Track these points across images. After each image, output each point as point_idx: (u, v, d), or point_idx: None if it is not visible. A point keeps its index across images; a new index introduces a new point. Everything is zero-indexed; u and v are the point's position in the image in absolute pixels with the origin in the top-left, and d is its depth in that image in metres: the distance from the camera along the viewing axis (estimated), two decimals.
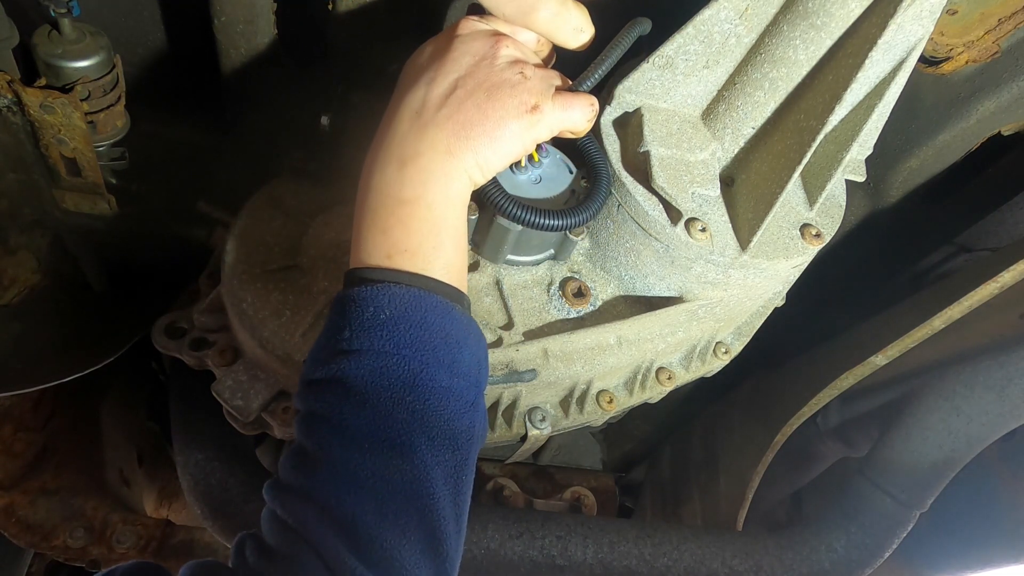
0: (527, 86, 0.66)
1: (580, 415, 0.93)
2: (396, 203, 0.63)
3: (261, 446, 1.38)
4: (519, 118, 0.65)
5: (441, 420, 0.60)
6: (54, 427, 1.20)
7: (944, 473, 1.10)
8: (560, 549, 1.05)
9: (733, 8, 0.73)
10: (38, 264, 1.13)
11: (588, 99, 0.71)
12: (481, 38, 0.67)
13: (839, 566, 1.13)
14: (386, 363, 0.59)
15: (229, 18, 0.94)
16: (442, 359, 0.61)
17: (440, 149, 0.64)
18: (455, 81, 0.65)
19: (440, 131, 0.64)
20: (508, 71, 0.65)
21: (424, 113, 0.64)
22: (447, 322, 0.62)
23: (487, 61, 0.65)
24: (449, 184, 0.64)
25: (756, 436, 1.33)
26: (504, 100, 0.65)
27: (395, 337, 0.59)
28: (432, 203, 0.64)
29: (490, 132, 0.64)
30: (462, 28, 0.68)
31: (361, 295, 0.61)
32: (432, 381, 0.60)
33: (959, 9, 0.95)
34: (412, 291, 0.61)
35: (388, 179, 0.64)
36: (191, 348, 0.89)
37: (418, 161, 0.63)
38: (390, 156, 0.64)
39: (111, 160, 1.00)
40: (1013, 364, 1.04)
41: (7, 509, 1.14)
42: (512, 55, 0.67)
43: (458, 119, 0.64)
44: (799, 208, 0.86)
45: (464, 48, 0.66)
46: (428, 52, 0.68)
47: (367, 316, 0.60)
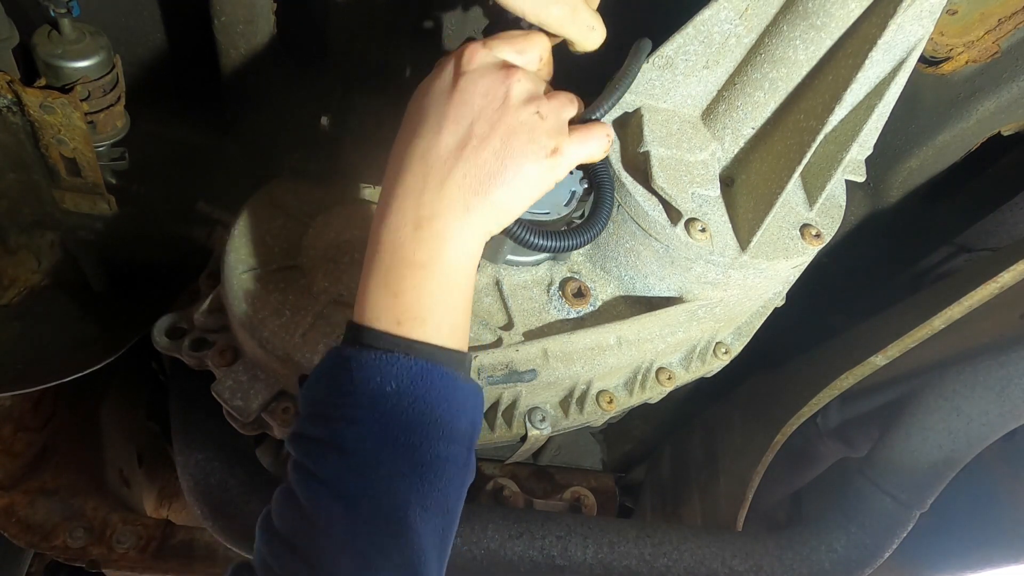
0: (545, 128, 0.63)
1: (580, 415, 0.93)
2: (409, 266, 0.61)
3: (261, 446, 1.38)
4: (539, 163, 0.63)
5: (436, 489, 0.60)
6: (54, 427, 1.20)
7: (944, 473, 1.10)
8: (560, 549, 1.05)
9: (733, 8, 0.73)
10: (38, 264, 1.13)
11: (604, 129, 0.69)
12: (490, 74, 0.62)
13: (839, 566, 1.13)
14: (388, 436, 0.59)
15: (229, 18, 0.94)
16: (442, 430, 0.61)
17: (458, 208, 0.61)
18: (469, 127, 0.61)
19: (458, 188, 0.61)
20: (523, 112, 0.62)
21: (438, 166, 0.61)
22: (450, 392, 0.61)
23: (500, 101, 0.61)
24: (465, 245, 0.62)
25: (756, 436, 1.33)
26: (523, 146, 0.62)
27: (399, 411, 0.59)
28: (446, 267, 0.62)
29: (510, 182, 0.62)
30: (468, 61, 0.63)
31: (369, 361, 0.60)
32: (431, 453, 0.60)
33: (959, 9, 0.95)
34: (420, 364, 0.60)
35: (402, 240, 0.61)
36: (191, 348, 0.89)
37: (434, 223, 0.61)
38: (404, 216, 0.61)
39: (111, 160, 1.00)
40: (1013, 364, 1.04)
41: (7, 509, 1.14)
42: (525, 91, 0.63)
43: (476, 173, 0.61)
44: (799, 208, 0.86)
45: (474, 88, 0.62)
46: (435, 90, 0.63)
47: (373, 386, 0.59)
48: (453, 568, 1.00)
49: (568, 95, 0.67)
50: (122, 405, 1.38)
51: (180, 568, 1.17)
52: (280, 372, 0.83)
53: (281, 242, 0.88)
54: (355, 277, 0.84)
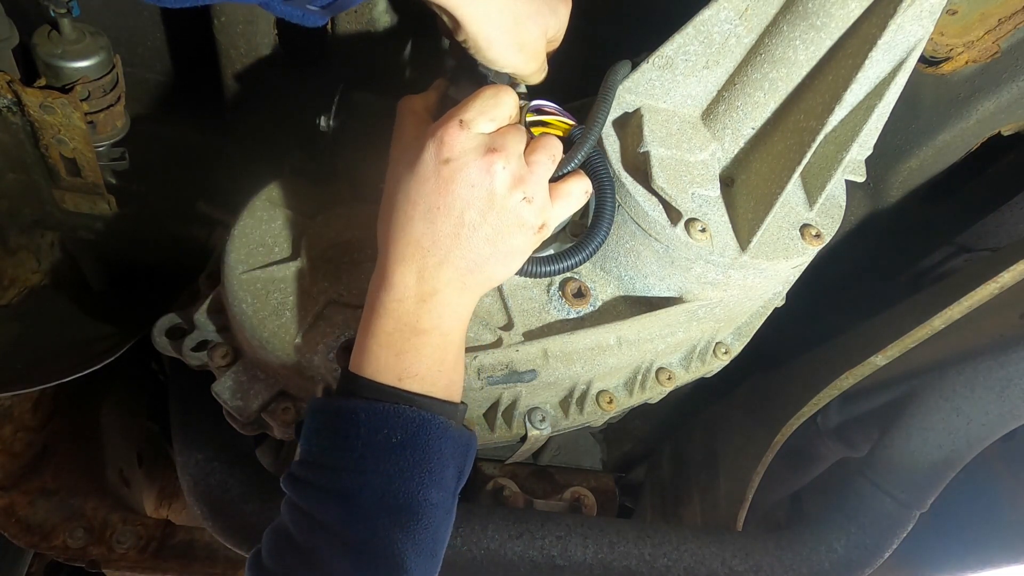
0: (532, 209, 0.67)
1: (580, 415, 0.93)
2: (412, 332, 0.66)
3: (261, 446, 1.38)
4: (528, 239, 0.69)
5: (428, 533, 0.64)
6: (54, 427, 1.20)
7: (944, 473, 1.10)
8: (560, 549, 1.05)
9: (733, 8, 0.73)
10: (38, 264, 1.13)
11: (581, 187, 0.73)
12: (474, 162, 0.64)
13: (839, 566, 1.13)
14: (390, 487, 0.63)
15: (229, 18, 0.94)
16: (434, 478, 0.65)
17: (456, 287, 0.67)
18: (460, 216, 0.65)
19: (455, 271, 0.67)
20: (510, 199, 0.66)
21: (435, 250, 0.66)
22: (444, 443, 0.66)
23: (487, 191, 0.65)
24: (463, 312, 0.69)
25: (756, 436, 1.33)
26: (513, 230, 0.67)
27: (401, 463, 0.63)
28: (446, 332, 0.68)
29: (502, 261, 0.68)
30: (450, 148, 0.64)
31: (378, 413, 0.64)
32: (425, 500, 0.64)
33: (959, 9, 0.95)
34: (420, 415, 0.65)
35: (406, 310, 0.67)
36: (191, 349, 0.89)
37: (436, 298, 0.67)
38: (407, 289, 0.67)
39: (111, 160, 1.00)
40: (1013, 364, 1.04)
41: (7, 509, 1.14)
42: (509, 177, 0.65)
43: (471, 257, 0.66)
44: (799, 208, 0.86)
45: (460, 177, 0.64)
46: (420, 176, 0.65)
47: (379, 439, 0.63)
48: (453, 568, 1.00)
49: (547, 151, 0.70)
50: (122, 405, 1.37)
51: (180, 568, 1.17)
52: (280, 372, 0.83)
53: (281, 242, 0.88)
54: (355, 277, 0.84)
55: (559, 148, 0.71)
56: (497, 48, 0.70)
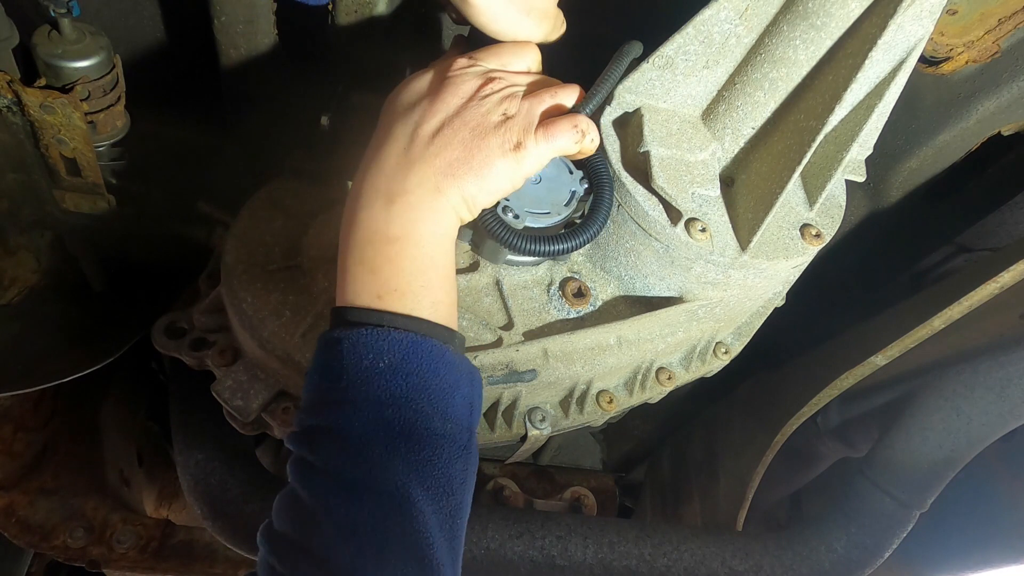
0: (509, 125, 0.67)
1: (580, 415, 0.93)
2: (384, 240, 0.63)
3: (261, 446, 1.38)
4: (504, 156, 0.66)
5: (436, 468, 0.60)
6: (54, 427, 1.20)
7: (944, 473, 1.10)
8: (560, 549, 1.05)
9: (733, 8, 0.73)
10: (38, 264, 1.13)
11: (571, 122, 0.71)
12: (470, 79, 0.68)
13: (839, 566, 1.13)
14: (383, 414, 0.59)
15: (229, 18, 0.94)
16: (436, 406, 0.61)
17: (428, 187, 0.64)
18: (443, 120, 0.66)
19: (428, 168, 0.64)
20: (493, 112, 0.67)
21: (412, 150, 0.65)
22: (441, 367, 0.62)
23: (474, 102, 0.67)
24: (437, 222, 0.65)
25: (756, 436, 1.33)
26: (488, 139, 0.66)
27: (392, 387, 0.59)
28: (420, 241, 0.64)
29: (476, 170, 0.65)
30: (452, 68, 0.69)
31: (357, 339, 0.60)
32: (427, 430, 0.60)
33: (959, 9, 0.95)
34: (408, 336, 0.61)
35: (375, 216, 0.64)
36: (191, 348, 0.89)
37: (406, 198, 0.64)
38: (377, 193, 0.64)
39: (111, 160, 1.00)
40: (1013, 364, 1.04)
41: (7, 509, 1.14)
42: (500, 94, 0.67)
43: (445, 157, 0.65)
44: (799, 208, 0.86)
45: (453, 89, 0.67)
46: (415, 89, 0.69)
47: (365, 364, 0.59)
48: None
49: (550, 90, 0.70)
50: (122, 405, 1.38)
51: (180, 568, 1.17)
52: (280, 372, 0.83)
53: (281, 242, 0.88)
54: None
55: (568, 92, 0.71)
56: (504, 19, 0.70)
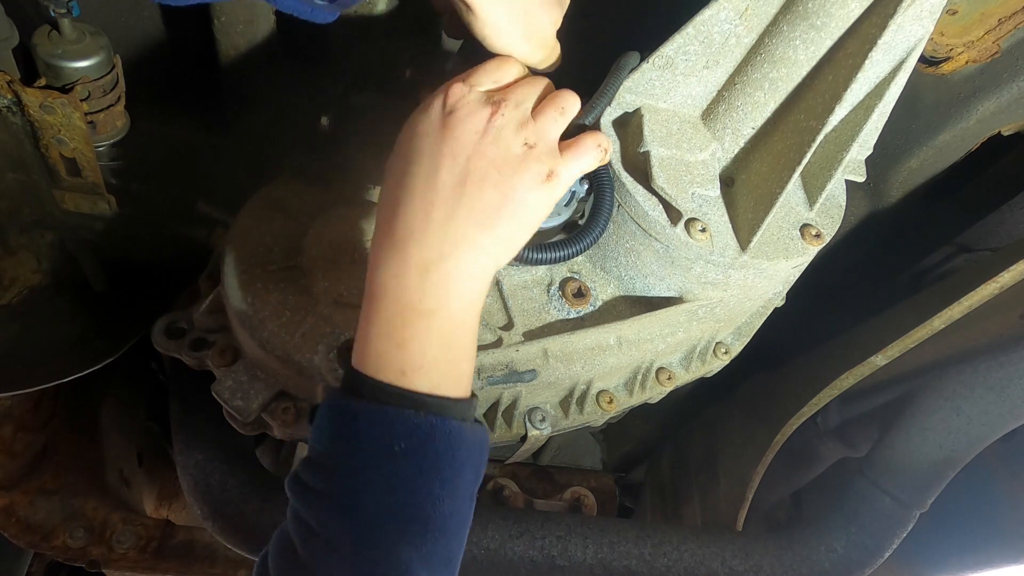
0: (535, 155, 0.63)
1: (580, 415, 0.93)
2: (414, 315, 0.59)
3: (261, 446, 1.38)
4: (538, 189, 0.62)
5: (440, 546, 0.59)
6: (54, 427, 1.20)
7: (944, 473, 1.10)
8: (560, 549, 1.05)
9: (733, 8, 0.73)
10: (38, 264, 1.13)
11: (594, 141, 0.68)
12: (477, 110, 0.62)
13: (839, 566, 1.13)
14: (394, 498, 0.57)
15: (229, 18, 0.94)
16: (447, 486, 0.59)
17: (464, 247, 0.59)
18: (465, 163, 0.60)
19: (462, 225, 0.59)
20: (513, 143, 0.62)
21: (439, 206, 0.59)
22: (457, 447, 0.59)
23: (490, 136, 0.61)
24: (475, 287, 0.61)
25: (756, 436, 1.33)
26: (520, 176, 0.61)
27: (406, 473, 0.57)
28: (454, 312, 0.60)
29: (513, 212, 0.61)
30: (453, 100, 0.63)
31: (374, 418, 0.58)
32: (436, 512, 0.58)
33: (959, 9, 0.95)
34: (428, 422, 0.58)
35: (407, 287, 0.59)
36: (191, 348, 0.89)
37: (443, 266, 0.59)
38: (407, 262, 0.59)
39: (111, 160, 1.00)
40: (1013, 364, 1.04)
41: (7, 509, 1.14)
42: (512, 122, 0.63)
43: (478, 207, 0.60)
44: (799, 208, 0.86)
45: (464, 125, 0.61)
46: (423, 131, 0.63)
47: (380, 446, 0.57)
48: None
49: (556, 105, 0.66)
50: (122, 405, 1.37)
51: (180, 568, 1.17)
52: (280, 372, 0.83)
53: (281, 242, 0.88)
54: (355, 277, 0.84)
55: (571, 103, 0.67)
56: (505, 37, 0.67)
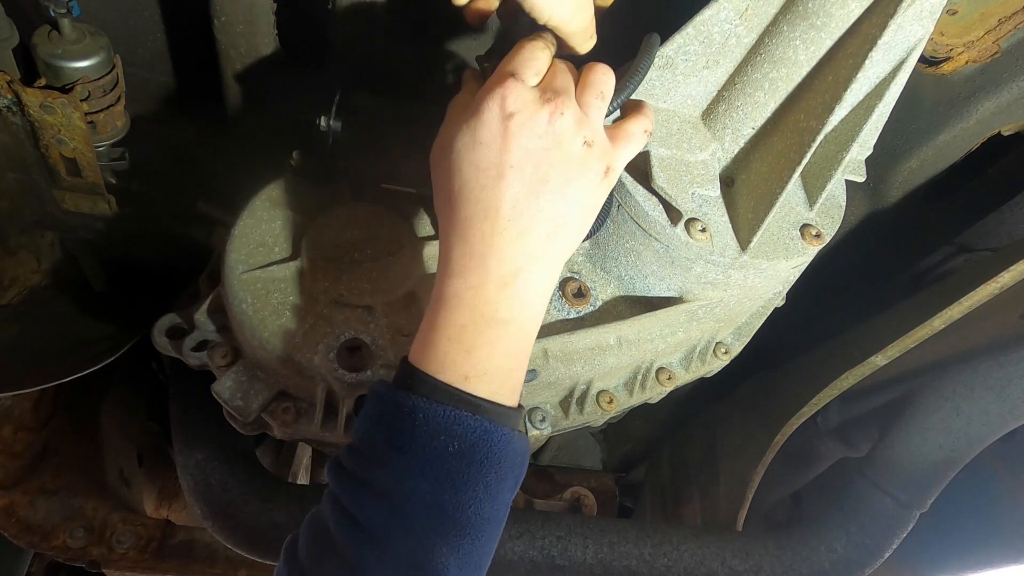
0: (593, 153, 0.62)
1: (580, 415, 0.93)
2: (488, 324, 0.60)
3: (261, 446, 1.38)
4: (598, 187, 0.63)
5: (475, 548, 0.60)
6: (54, 427, 1.20)
7: (944, 473, 1.10)
8: (560, 549, 1.05)
9: (733, 8, 0.73)
10: (38, 264, 1.13)
11: (640, 127, 0.67)
12: (536, 111, 0.60)
13: (839, 566, 1.13)
14: (440, 498, 0.58)
15: (229, 18, 0.94)
16: (490, 491, 0.60)
17: (539, 256, 0.61)
18: (533, 172, 0.60)
19: (538, 237, 0.60)
20: (573, 143, 0.61)
21: (515, 218, 0.60)
22: (506, 454, 0.60)
23: (553, 139, 0.60)
24: (546, 293, 0.63)
25: (756, 436, 1.33)
26: (583, 177, 0.62)
27: (455, 472, 0.58)
28: (525, 323, 0.62)
29: (578, 216, 0.63)
30: (512, 103, 0.60)
31: (432, 415, 0.58)
32: (476, 515, 0.59)
33: (959, 9, 0.95)
34: (483, 425, 0.59)
35: (485, 299, 0.60)
36: (191, 349, 0.89)
37: (521, 277, 0.60)
38: (488, 275, 0.60)
39: (111, 160, 1.00)
40: (1013, 364, 1.04)
41: (7, 509, 1.13)
42: (571, 122, 0.61)
43: (551, 217, 0.61)
44: (799, 208, 0.86)
45: (527, 131, 0.60)
46: (485, 138, 0.60)
47: (435, 444, 0.58)
48: None
49: (596, 91, 0.65)
50: (122, 405, 1.37)
51: (180, 568, 1.17)
52: (280, 372, 0.83)
53: (281, 242, 0.88)
54: (355, 277, 0.84)
55: (608, 84, 0.65)
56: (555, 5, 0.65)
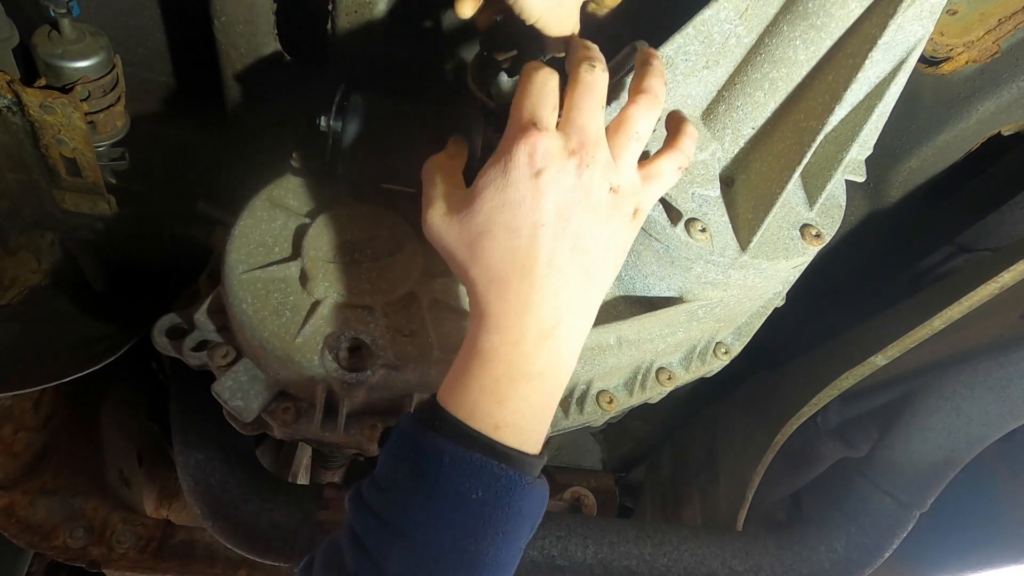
0: (621, 197, 0.62)
1: (580, 415, 0.93)
2: (524, 377, 0.60)
3: (261, 446, 1.38)
4: (627, 229, 0.64)
5: None
6: (54, 427, 1.20)
7: (944, 473, 1.10)
8: (560, 549, 1.05)
9: (733, 8, 0.73)
10: (38, 264, 1.13)
11: (674, 163, 0.66)
12: (564, 163, 0.60)
13: (839, 566, 1.13)
14: (460, 542, 0.58)
15: (229, 18, 0.94)
16: (509, 537, 0.59)
17: (575, 308, 0.61)
18: (565, 229, 0.60)
19: (574, 291, 0.60)
20: (602, 191, 0.61)
21: (552, 273, 0.59)
22: (527, 503, 0.60)
23: (583, 192, 0.60)
24: (579, 345, 0.63)
25: (756, 436, 1.33)
26: (612, 222, 0.62)
27: (478, 521, 0.58)
28: (559, 376, 0.62)
29: (611, 260, 0.63)
30: (542, 157, 0.59)
31: (460, 461, 0.58)
32: (494, 561, 0.59)
33: (959, 9, 0.95)
34: (508, 475, 0.58)
35: (523, 354, 0.60)
36: (191, 349, 0.89)
37: (558, 331, 0.60)
38: (526, 329, 0.60)
39: (111, 160, 1.00)
40: (1013, 364, 1.04)
41: (7, 509, 1.13)
42: (599, 167, 0.61)
43: (587, 269, 0.61)
44: (799, 208, 0.86)
45: (557, 187, 0.59)
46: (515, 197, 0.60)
47: (459, 490, 0.58)
48: None
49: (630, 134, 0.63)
50: (122, 405, 1.37)
51: (180, 568, 1.17)
52: (280, 372, 0.83)
53: (281, 242, 0.88)
54: (355, 277, 0.84)
55: (646, 124, 0.64)
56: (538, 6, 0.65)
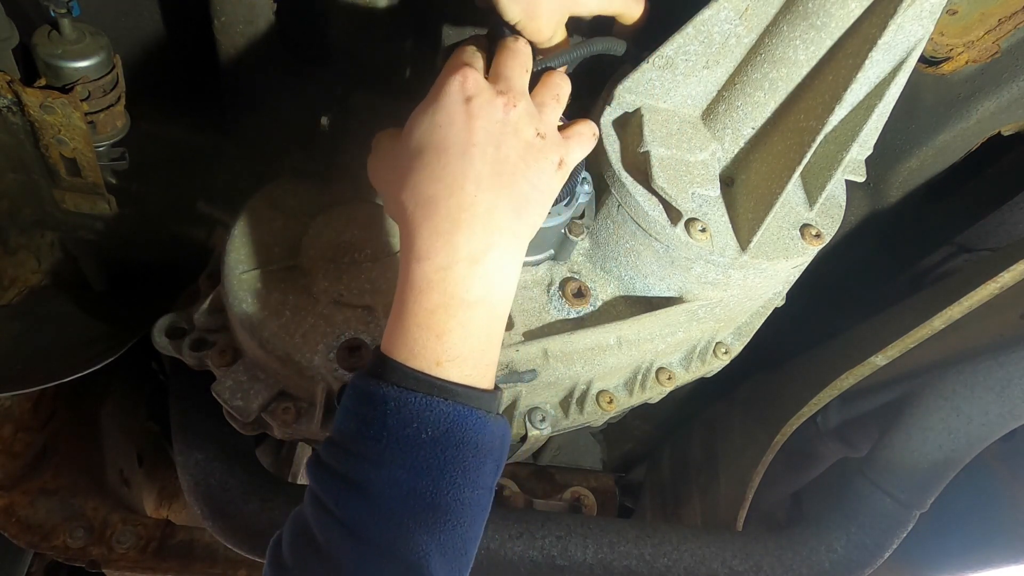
0: (548, 144, 0.65)
1: (580, 415, 0.93)
2: (459, 306, 0.59)
3: (261, 446, 1.38)
4: (553, 176, 0.66)
5: (457, 534, 0.59)
6: (54, 427, 1.20)
7: (944, 473, 1.10)
8: (560, 549, 1.05)
9: (733, 8, 0.73)
10: (38, 264, 1.13)
11: (590, 129, 0.71)
12: (492, 99, 0.63)
13: (839, 566, 1.13)
14: (416, 485, 0.58)
15: (229, 18, 0.94)
16: (469, 475, 0.59)
17: (507, 236, 0.61)
18: (495, 154, 0.61)
19: (504, 214, 0.61)
20: (527, 131, 0.64)
21: (481, 197, 0.59)
22: (482, 436, 0.60)
23: (511, 127, 0.62)
24: (514, 272, 0.63)
25: (756, 436, 1.33)
26: (539, 163, 0.64)
27: (431, 459, 0.58)
28: (496, 301, 0.61)
29: (538, 199, 0.64)
30: (472, 85, 0.62)
31: (404, 403, 0.58)
32: (456, 500, 0.59)
33: (959, 9, 0.95)
34: (456, 410, 0.58)
35: (455, 279, 0.59)
36: (191, 349, 0.89)
37: (490, 254, 0.60)
38: (456, 254, 0.59)
39: (111, 160, 1.00)
40: (1013, 364, 1.04)
41: (7, 509, 1.14)
42: (524, 111, 0.64)
43: (515, 196, 0.61)
44: (799, 208, 0.86)
45: (486, 113, 0.61)
46: (444, 120, 0.62)
47: (408, 432, 0.57)
48: None
49: (552, 93, 0.69)
50: (122, 405, 1.38)
51: (180, 568, 1.17)
52: (280, 372, 0.83)
53: (281, 242, 0.88)
54: (355, 277, 0.84)
55: (565, 89, 0.69)
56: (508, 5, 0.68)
